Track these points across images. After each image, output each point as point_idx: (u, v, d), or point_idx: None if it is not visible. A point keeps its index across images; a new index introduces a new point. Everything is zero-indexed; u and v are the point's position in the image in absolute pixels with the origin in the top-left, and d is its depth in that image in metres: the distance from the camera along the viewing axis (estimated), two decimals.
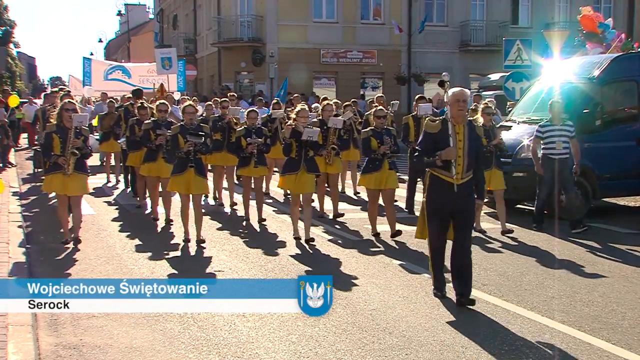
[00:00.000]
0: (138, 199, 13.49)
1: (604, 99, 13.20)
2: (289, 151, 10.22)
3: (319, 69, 36.30)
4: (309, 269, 9.00)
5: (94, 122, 18.34)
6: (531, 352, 6.18)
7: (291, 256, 9.64)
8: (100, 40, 73.27)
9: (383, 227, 10.84)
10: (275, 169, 14.77)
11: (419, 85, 35.82)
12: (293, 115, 10.32)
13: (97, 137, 17.57)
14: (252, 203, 12.11)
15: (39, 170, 17.40)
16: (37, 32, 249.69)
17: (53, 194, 13.23)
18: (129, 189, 14.90)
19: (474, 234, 9.24)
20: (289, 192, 14.20)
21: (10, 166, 19.26)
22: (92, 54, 36.33)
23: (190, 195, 10.19)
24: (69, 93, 12.95)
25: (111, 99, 17.48)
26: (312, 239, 10.29)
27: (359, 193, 14.93)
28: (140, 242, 10.41)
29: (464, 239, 7.48)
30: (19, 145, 25.70)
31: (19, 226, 10.89)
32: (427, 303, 7.55)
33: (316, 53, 35.98)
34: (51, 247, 10.02)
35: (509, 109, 16.42)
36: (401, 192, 12.73)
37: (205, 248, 10.00)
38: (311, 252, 9.94)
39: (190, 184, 10.02)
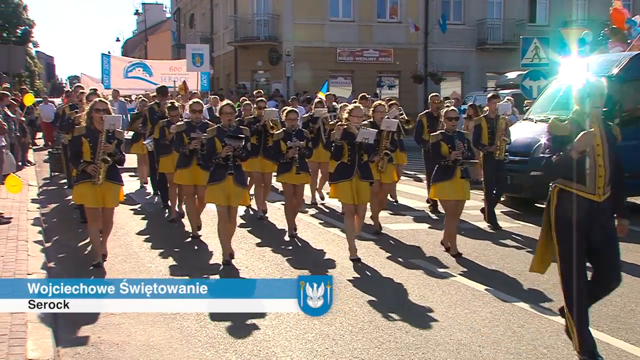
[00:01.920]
0: (168, 210, 12.30)
1: (623, 97, 13.09)
2: (340, 155, 9.15)
3: (335, 68, 36.31)
4: (331, 271, 9.00)
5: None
6: (549, 351, 6.14)
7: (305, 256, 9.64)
8: (118, 40, 74.23)
9: (427, 237, 10.82)
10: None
11: (435, 84, 35.77)
12: (345, 115, 9.36)
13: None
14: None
15: (56, 173, 17.13)
16: (56, 31, 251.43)
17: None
18: (156, 197, 13.90)
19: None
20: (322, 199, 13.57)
21: (28, 164, 19.39)
22: (109, 53, 36.42)
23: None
24: (95, 91, 11.76)
25: (143, 98, 16.52)
26: (359, 259, 9.20)
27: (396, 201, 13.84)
28: (158, 241, 10.45)
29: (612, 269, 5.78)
30: (36, 145, 25.83)
31: (38, 224, 10.95)
32: (444, 302, 7.52)
33: (332, 52, 35.98)
34: (69, 245, 10.09)
35: (526, 108, 16.33)
36: (408, 201, 12.69)
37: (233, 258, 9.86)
38: (334, 257, 9.92)
39: (230, 194, 8.85)
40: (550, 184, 5.82)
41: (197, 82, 22.75)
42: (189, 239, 10.58)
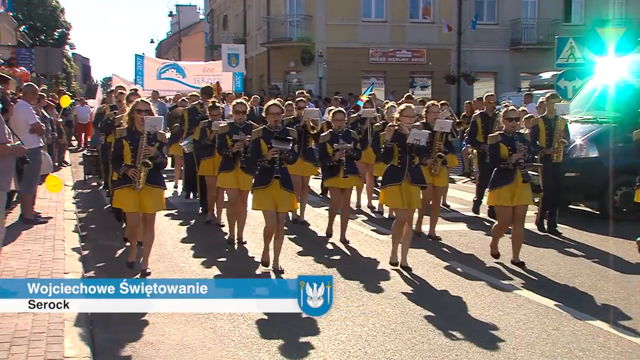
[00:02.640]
0: (205, 213, 12.07)
1: None
2: (390, 157, 8.67)
3: (368, 69, 36.24)
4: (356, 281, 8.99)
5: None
6: (585, 354, 6.07)
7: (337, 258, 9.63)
8: (152, 41, 74.69)
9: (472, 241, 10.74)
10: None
11: (468, 85, 35.55)
12: (396, 115, 8.89)
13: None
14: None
15: (90, 176, 17.06)
16: (91, 33, 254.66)
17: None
18: (191, 197, 13.74)
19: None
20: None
21: (65, 165, 19.66)
22: (143, 54, 36.58)
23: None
24: (136, 91, 11.34)
25: (183, 98, 16.27)
26: (410, 268, 8.83)
27: (448, 206, 13.47)
28: (192, 241, 10.52)
29: None
30: (72, 146, 26.16)
31: (75, 224, 11.10)
32: (478, 304, 7.47)
33: (365, 52, 35.93)
34: (105, 244, 10.21)
35: None
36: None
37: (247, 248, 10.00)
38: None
39: (277, 199, 8.43)
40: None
41: (231, 83, 22.43)
42: (226, 241, 10.38)
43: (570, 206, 13.35)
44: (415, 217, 9.96)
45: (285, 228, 9.20)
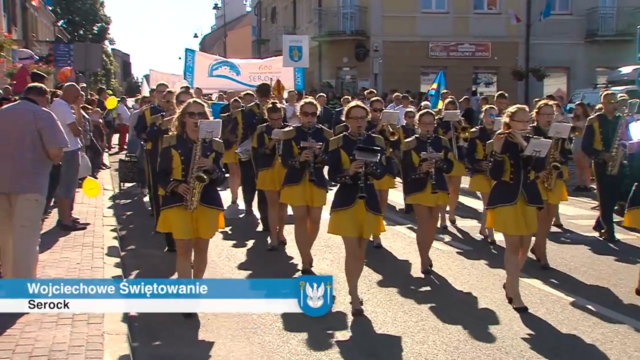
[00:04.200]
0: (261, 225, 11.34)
1: None
2: (501, 172, 7.71)
3: (427, 64, 36.05)
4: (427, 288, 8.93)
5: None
6: None
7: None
8: (196, 36, 75.62)
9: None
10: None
11: (538, 81, 35.07)
12: (506, 119, 7.78)
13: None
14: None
15: (126, 185, 16.36)
16: (131, 28, 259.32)
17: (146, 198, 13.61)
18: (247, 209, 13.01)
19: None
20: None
21: (104, 168, 20.02)
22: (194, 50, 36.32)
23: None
24: (188, 89, 10.37)
25: (236, 98, 15.29)
26: (526, 308, 7.71)
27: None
28: (236, 249, 10.59)
29: None
30: (112, 148, 26.56)
31: (114, 230, 11.29)
32: (549, 321, 7.36)
33: (424, 46, 35.77)
34: (144, 252, 10.37)
35: None
36: None
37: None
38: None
39: (363, 222, 7.48)
40: None
41: (291, 81, 20.95)
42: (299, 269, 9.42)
43: None
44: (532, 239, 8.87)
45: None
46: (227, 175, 12.37)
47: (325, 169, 8.32)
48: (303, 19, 41.64)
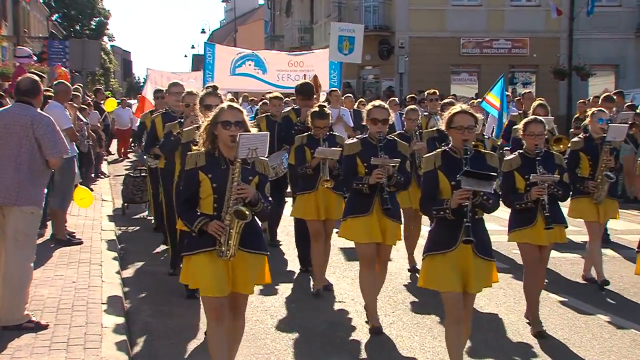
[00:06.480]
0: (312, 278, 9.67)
1: None
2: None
3: (458, 62, 36.05)
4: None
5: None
6: None
7: None
8: (204, 31, 75.28)
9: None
10: None
11: (582, 80, 34.89)
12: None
13: None
14: None
15: (130, 204, 15.00)
16: (132, 23, 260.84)
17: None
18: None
19: None
20: None
21: (102, 176, 20.10)
22: (193, 47, 36.24)
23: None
24: (215, 90, 8.20)
25: (265, 100, 14.37)
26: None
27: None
28: (268, 298, 10.42)
29: None
30: (111, 154, 26.61)
31: (113, 245, 11.28)
32: (595, 347, 7.32)
33: (455, 43, 35.75)
34: (147, 269, 10.40)
35: None
36: None
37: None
38: None
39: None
40: None
41: (326, 78, 18.95)
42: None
43: None
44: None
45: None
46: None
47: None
48: (321, 13, 41.73)
